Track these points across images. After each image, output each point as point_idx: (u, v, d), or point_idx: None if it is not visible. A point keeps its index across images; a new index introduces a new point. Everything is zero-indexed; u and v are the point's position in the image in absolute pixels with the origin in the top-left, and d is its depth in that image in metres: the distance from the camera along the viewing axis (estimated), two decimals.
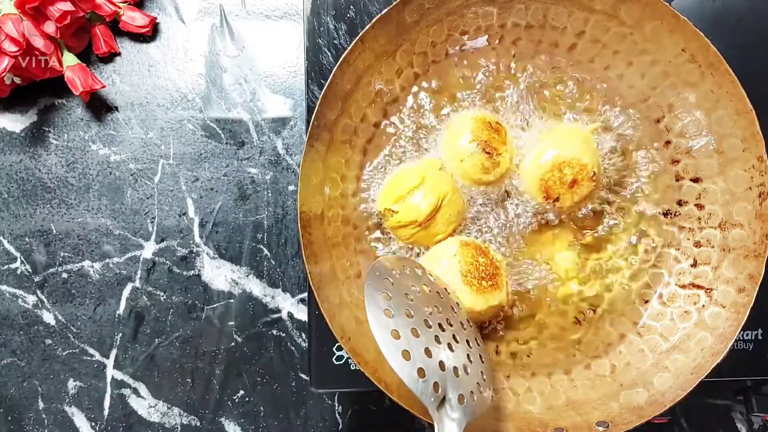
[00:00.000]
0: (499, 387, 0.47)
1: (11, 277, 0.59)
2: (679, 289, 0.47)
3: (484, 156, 0.45)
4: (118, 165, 0.59)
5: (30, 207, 0.59)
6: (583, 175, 0.45)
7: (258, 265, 0.59)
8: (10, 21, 0.50)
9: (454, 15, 0.47)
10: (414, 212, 0.45)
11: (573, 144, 0.46)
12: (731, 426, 0.59)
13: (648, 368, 0.46)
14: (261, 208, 0.59)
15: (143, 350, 0.59)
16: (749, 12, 0.50)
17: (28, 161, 0.59)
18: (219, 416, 0.59)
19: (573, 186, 0.46)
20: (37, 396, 0.59)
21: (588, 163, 0.45)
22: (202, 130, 0.59)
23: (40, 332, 0.59)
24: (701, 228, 0.47)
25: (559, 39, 0.48)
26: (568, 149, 0.46)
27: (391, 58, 0.47)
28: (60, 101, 0.59)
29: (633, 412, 0.43)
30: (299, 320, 0.59)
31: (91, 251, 0.59)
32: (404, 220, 0.46)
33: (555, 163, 0.46)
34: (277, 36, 0.59)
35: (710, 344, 0.43)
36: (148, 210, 0.59)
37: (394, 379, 0.44)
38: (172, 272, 0.59)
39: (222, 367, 0.59)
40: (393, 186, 0.47)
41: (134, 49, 0.59)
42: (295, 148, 0.59)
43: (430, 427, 0.49)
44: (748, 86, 0.42)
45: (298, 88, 0.59)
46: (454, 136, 0.47)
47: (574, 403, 0.46)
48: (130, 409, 0.59)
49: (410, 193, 0.46)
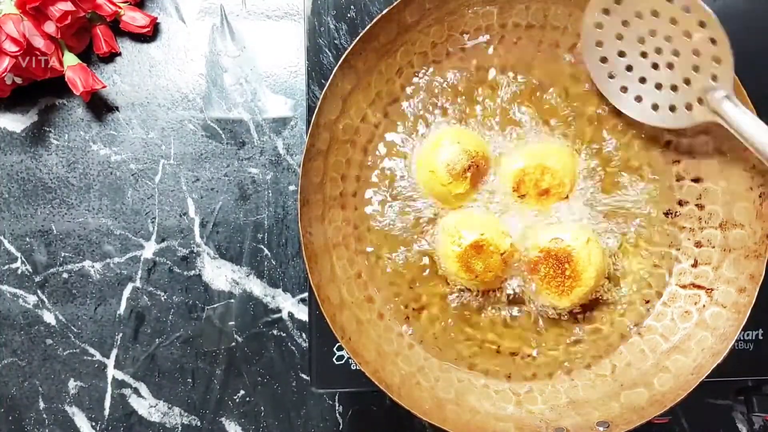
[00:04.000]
0: (499, 387, 0.47)
1: (12, 277, 0.59)
2: (680, 289, 0.47)
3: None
4: (118, 165, 0.59)
5: (31, 207, 0.59)
6: (556, 191, 0.46)
7: (258, 265, 0.59)
8: (11, 21, 0.51)
9: (455, 15, 0.47)
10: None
11: (560, 161, 0.47)
12: (732, 426, 0.59)
13: (648, 368, 0.46)
14: (261, 208, 0.59)
15: (144, 350, 0.59)
16: (749, 12, 0.50)
17: (28, 161, 0.59)
18: (219, 416, 0.59)
19: (543, 195, 0.46)
20: (37, 396, 0.59)
21: (567, 186, 0.46)
22: (202, 130, 0.59)
23: (41, 332, 0.59)
24: (702, 228, 0.47)
25: (559, 39, 0.48)
26: (556, 162, 0.46)
27: (392, 58, 0.47)
28: (61, 101, 0.59)
29: (634, 412, 0.43)
30: (300, 320, 0.59)
31: (91, 251, 0.59)
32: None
33: (538, 166, 0.46)
34: (278, 36, 0.59)
35: (711, 344, 0.43)
36: (148, 210, 0.59)
37: (395, 380, 0.44)
38: (173, 272, 0.59)
39: (222, 367, 0.59)
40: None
41: (135, 49, 0.59)
42: (295, 148, 0.59)
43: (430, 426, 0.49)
44: (748, 86, 0.42)
45: (298, 88, 0.59)
46: (433, 148, 0.47)
47: (575, 403, 0.46)
48: (130, 409, 0.59)
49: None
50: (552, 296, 0.46)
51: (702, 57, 0.40)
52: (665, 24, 0.41)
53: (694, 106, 0.42)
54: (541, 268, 0.45)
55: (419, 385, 0.46)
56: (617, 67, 0.45)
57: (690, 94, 0.42)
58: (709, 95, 0.41)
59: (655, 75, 0.43)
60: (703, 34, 0.39)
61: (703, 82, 0.41)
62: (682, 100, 0.43)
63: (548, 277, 0.45)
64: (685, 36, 0.40)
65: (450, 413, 0.44)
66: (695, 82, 0.41)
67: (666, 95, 0.43)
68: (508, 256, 0.46)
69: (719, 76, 0.40)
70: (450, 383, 0.47)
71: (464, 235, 0.45)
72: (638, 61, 0.44)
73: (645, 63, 0.43)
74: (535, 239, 0.46)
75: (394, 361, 0.46)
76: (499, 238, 0.46)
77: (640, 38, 0.43)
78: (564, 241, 0.45)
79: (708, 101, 0.41)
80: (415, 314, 0.48)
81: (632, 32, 0.43)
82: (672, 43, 0.41)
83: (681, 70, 0.42)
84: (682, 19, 0.40)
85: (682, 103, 0.43)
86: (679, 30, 0.40)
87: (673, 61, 0.42)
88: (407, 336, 0.48)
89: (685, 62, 0.41)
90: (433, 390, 0.46)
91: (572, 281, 0.45)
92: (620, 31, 0.43)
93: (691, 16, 0.39)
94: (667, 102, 0.44)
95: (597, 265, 0.45)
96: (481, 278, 0.46)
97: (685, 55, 0.41)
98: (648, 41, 0.42)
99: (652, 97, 0.44)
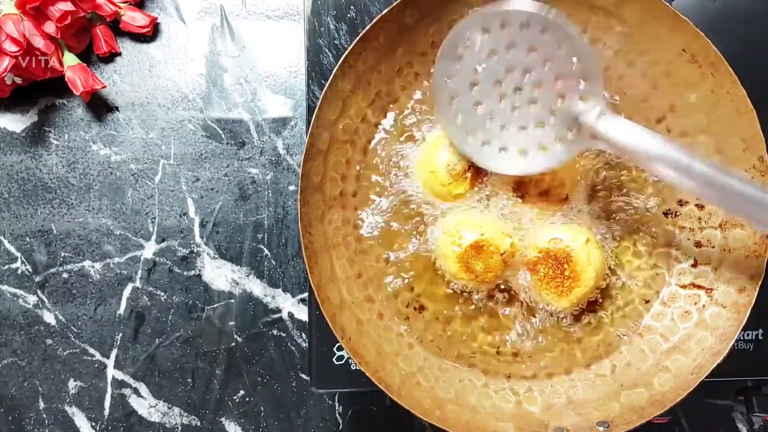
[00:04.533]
0: (499, 387, 0.47)
1: (12, 277, 0.59)
2: (680, 289, 0.47)
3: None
4: (118, 165, 0.59)
5: (31, 207, 0.59)
6: (556, 191, 0.46)
7: (258, 265, 0.59)
8: (11, 21, 0.51)
9: (455, 15, 0.47)
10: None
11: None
12: (732, 426, 0.59)
13: (648, 368, 0.46)
14: (261, 208, 0.59)
15: (144, 350, 0.59)
16: (750, 12, 0.50)
17: (28, 161, 0.59)
18: (219, 416, 0.59)
19: (542, 195, 0.46)
20: (37, 396, 0.59)
21: (567, 186, 0.46)
22: (202, 131, 0.59)
23: (41, 332, 0.59)
24: (702, 228, 0.47)
25: None
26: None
27: (392, 58, 0.47)
28: (60, 101, 0.59)
29: (634, 412, 0.43)
30: (300, 320, 0.59)
31: (91, 251, 0.59)
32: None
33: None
34: (278, 36, 0.59)
35: (711, 344, 0.43)
36: (148, 210, 0.59)
37: (395, 380, 0.44)
38: (173, 272, 0.59)
39: (222, 367, 0.59)
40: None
41: (135, 49, 0.59)
42: (295, 148, 0.59)
43: (430, 426, 0.49)
44: (748, 86, 0.42)
45: (298, 89, 0.59)
46: (433, 150, 0.47)
47: (575, 403, 0.46)
48: (130, 409, 0.59)
49: None
50: (551, 297, 0.46)
51: (565, 80, 0.37)
52: (521, 53, 0.37)
53: (567, 136, 0.38)
54: (541, 268, 0.45)
55: (419, 385, 0.46)
56: (473, 118, 0.41)
57: (559, 125, 0.38)
58: (582, 119, 0.37)
59: (516, 116, 0.39)
60: (564, 51, 0.36)
61: (572, 107, 0.37)
62: (551, 135, 0.39)
63: (547, 278, 0.45)
64: (545, 61, 0.37)
65: (450, 413, 0.44)
66: (562, 111, 0.37)
67: (532, 135, 0.40)
68: (508, 256, 0.46)
69: (589, 94, 0.36)
70: (450, 383, 0.47)
71: (464, 235, 0.45)
72: (496, 107, 0.40)
73: (503, 106, 0.40)
74: (534, 240, 0.46)
75: (394, 361, 0.46)
76: (499, 238, 0.46)
77: (497, 80, 0.39)
78: (563, 241, 0.45)
79: (582, 127, 0.37)
80: (415, 314, 0.48)
81: (487, 75, 0.39)
82: (533, 74, 0.37)
83: (544, 101, 0.38)
84: (540, 44, 0.36)
85: (551, 139, 0.39)
86: (538, 56, 0.37)
87: (535, 94, 0.38)
88: (407, 336, 0.48)
89: (548, 92, 0.38)
90: (433, 390, 0.46)
91: (572, 282, 0.45)
92: (473, 78, 0.39)
93: (547, 36, 0.36)
94: (534, 143, 0.40)
95: (596, 265, 0.45)
96: (481, 278, 0.46)
97: (547, 84, 0.37)
98: (505, 80, 0.39)
99: (517, 141, 0.40)
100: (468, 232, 0.45)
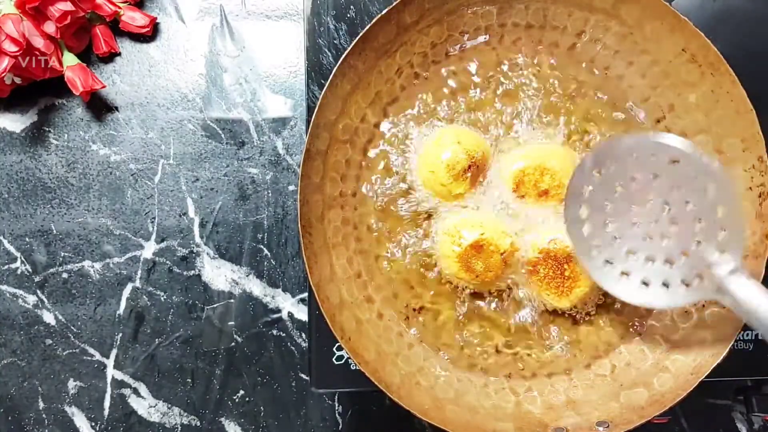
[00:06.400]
0: (499, 387, 0.47)
1: (11, 277, 0.59)
2: None
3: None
4: (118, 165, 0.59)
5: (30, 207, 0.59)
6: (556, 191, 0.46)
7: (258, 265, 0.59)
8: (10, 21, 0.51)
9: (454, 15, 0.47)
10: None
11: (559, 162, 0.46)
12: (731, 426, 0.59)
13: (648, 368, 0.46)
14: (261, 208, 0.59)
15: (143, 350, 0.59)
16: (749, 12, 0.50)
17: (28, 161, 0.59)
18: (219, 416, 0.59)
19: (542, 195, 0.46)
20: (37, 396, 0.59)
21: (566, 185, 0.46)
22: (202, 130, 0.59)
23: (41, 332, 0.59)
24: None
25: (559, 39, 0.48)
26: (555, 163, 0.46)
27: (391, 58, 0.47)
28: (60, 101, 0.59)
29: (633, 412, 0.43)
30: (299, 320, 0.59)
31: (91, 251, 0.59)
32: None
33: (538, 167, 0.46)
34: (278, 36, 0.59)
35: (710, 344, 0.43)
36: (148, 210, 0.59)
37: (395, 380, 0.44)
38: (173, 272, 0.59)
39: (222, 367, 0.59)
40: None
41: (134, 49, 0.59)
42: (295, 148, 0.59)
43: (430, 426, 0.49)
44: (748, 86, 0.42)
45: (298, 88, 0.59)
46: (436, 148, 0.47)
47: (575, 403, 0.46)
48: (130, 409, 0.59)
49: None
50: (551, 297, 0.46)
51: (706, 226, 0.35)
52: (665, 186, 0.36)
53: (694, 283, 0.36)
54: (541, 268, 0.45)
55: (419, 385, 0.46)
56: (601, 234, 0.40)
57: (688, 268, 0.36)
58: (714, 270, 0.35)
59: (647, 246, 0.38)
60: (711, 196, 0.34)
61: (707, 255, 0.35)
62: (678, 276, 0.37)
63: (548, 278, 0.45)
64: (688, 201, 0.35)
65: (450, 413, 0.44)
66: (696, 255, 0.35)
67: (659, 270, 0.38)
68: (508, 256, 0.46)
69: (727, 247, 0.34)
70: (450, 383, 0.47)
71: (464, 235, 0.45)
72: (627, 231, 0.39)
73: (635, 232, 0.38)
74: (534, 240, 0.46)
75: (394, 361, 0.46)
76: (499, 238, 0.46)
77: (633, 204, 0.38)
78: (563, 241, 0.45)
79: (711, 277, 0.35)
80: (414, 314, 0.48)
81: (624, 196, 0.38)
82: (672, 210, 0.36)
83: (679, 240, 0.36)
84: (687, 183, 0.35)
85: (677, 279, 0.37)
86: (682, 194, 0.35)
87: (671, 230, 0.37)
88: (407, 336, 0.48)
89: (685, 232, 0.36)
90: (433, 390, 0.46)
91: (572, 282, 0.45)
92: (610, 194, 0.38)
93: (696, 178, 0.34)
94: (659, 277, 0.38)
95: None
96: (481, 278, 0.46)
97: (686, 224, 0.35)
98: (642, 208, 0.37)
99: (642, 271, 0.39)
100: (468, 231, 0.45)
